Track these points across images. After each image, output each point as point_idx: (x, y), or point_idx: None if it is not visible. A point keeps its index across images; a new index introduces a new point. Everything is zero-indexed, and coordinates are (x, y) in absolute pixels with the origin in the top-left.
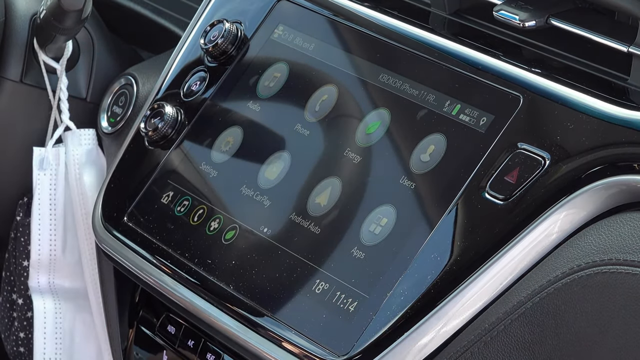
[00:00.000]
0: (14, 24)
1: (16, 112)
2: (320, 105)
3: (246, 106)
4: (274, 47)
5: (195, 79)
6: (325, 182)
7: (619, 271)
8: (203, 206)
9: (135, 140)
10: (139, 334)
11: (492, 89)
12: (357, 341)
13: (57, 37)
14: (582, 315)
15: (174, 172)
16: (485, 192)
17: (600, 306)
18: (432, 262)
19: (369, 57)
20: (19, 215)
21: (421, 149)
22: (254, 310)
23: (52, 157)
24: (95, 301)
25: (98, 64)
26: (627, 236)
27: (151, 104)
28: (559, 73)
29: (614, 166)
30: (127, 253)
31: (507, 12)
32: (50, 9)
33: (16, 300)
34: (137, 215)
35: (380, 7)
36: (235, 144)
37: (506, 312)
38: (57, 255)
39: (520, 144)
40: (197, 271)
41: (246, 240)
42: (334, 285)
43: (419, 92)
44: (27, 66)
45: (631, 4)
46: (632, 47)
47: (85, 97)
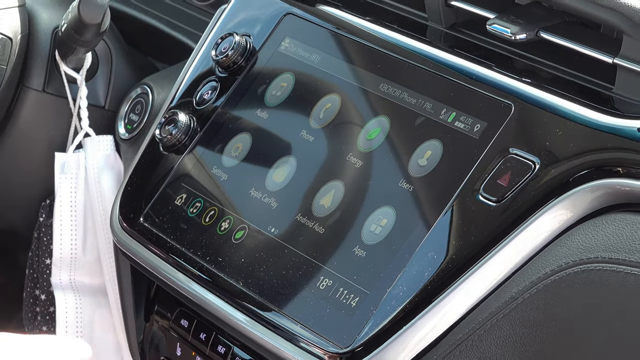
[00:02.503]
0: (37, 37)
1: (39, 119)
2: (324, 113)
3: (255, 114)
4: (281, 59)
5: (207, 88)
6: (329, 185)
7: (604, 269)
8: (214, 207)
9: (151, 146)
10: (154, 327)
11: (485, 97)
12: (359, 334)
13: (78, 49)
14: (570, 310)
15: (187, 175)
16: (479, 195)
17: (586, 302)
18: (429, 260)
19: (369, 68)
20: (41, 217)
21: (419, 154)
22: (262, 305)
23: (72, 161)
24: (114, 297)
25: (116, 74)
26: (612, 236)
27: (166, 112)
28: (548, 83)
29: (600, 170)
30: (143, 251)
31: (499, 25)
32: (71, 22)
33: (39, 296)
34: (153, 216)
35: (381, 21)
36: (245, 149)
37: (499, 307)
38: (78, 253)
39: (512, 150)
40: (209, 269)
41: (255, 239)
42: (337, 282)
43: (417, 101)
44: (49, 76)
45: (616, 18)
46: (616, 59)
47: (104, 105)
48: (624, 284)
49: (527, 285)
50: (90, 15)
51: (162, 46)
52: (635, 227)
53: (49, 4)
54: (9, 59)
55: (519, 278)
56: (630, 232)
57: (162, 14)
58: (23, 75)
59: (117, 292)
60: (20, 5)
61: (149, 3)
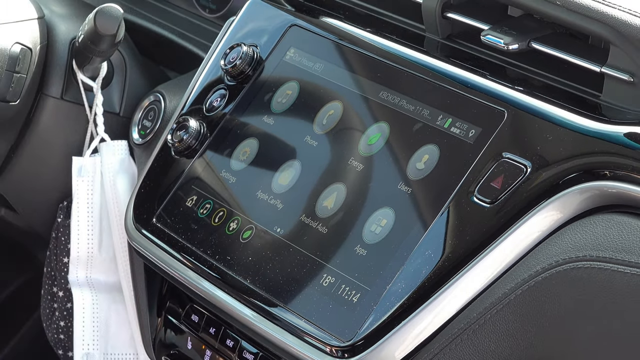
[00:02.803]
0: (55, 47)
1: (57, 125)
2: (327, 119)
3: (261, 120)
4: (286, 68)
5: (216, 96)
6: (332, 187)
7: (592, 266)
8: (223, 209)
9: (163, 151)
10: (166, 322)
11: (479, 104)
12: (360, 328)
13: (94, 58)
14: (559, 306)
15: (197, 178)
16: (474, 197)
17: (575, 298)
18: (427, 259)
19: (370, 77)
20: (59, 217)
21: (417, 158)
22: (268, 301)
23: (89, 165)
24: (128, 293)
25: (130, 83)
26: (600, 235)
27: (177, 118)
28: (539, 90)
29: (588, 173)
30: (156, 251)
31: (493, 36)
32: (88, 33)
33: (57, 292)
34: (165, 217)
35: (381, 32)
36: (252, 154)
37: (492, 303)
38: (94, 252)
39: (505, 154)
40: (218, 267)
41: (261, 239)
42: (339, 279)
43: (415, 108)
44: (66, 85)
45: (603, 30)
46: (604, 68)
47: (119, 112)
48: (610, 281)
49: (520, 282)
50: (106, 26)
51: (174, 56)
52: (622, 227)
53: (67, 16)
54: (29, 68)
55: (512, 275)
56: (617, 232)
57: (174, 25)
58: (42, 83)
59: (132, 289)
60: (40, 17)
61: (162, 15)
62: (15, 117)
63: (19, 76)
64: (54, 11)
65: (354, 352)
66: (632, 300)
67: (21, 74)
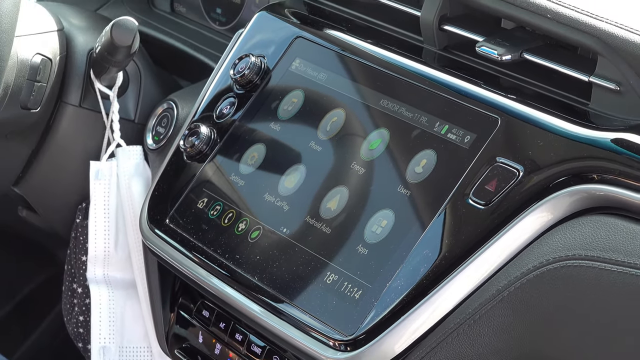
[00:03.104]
0: (73, 58)
1: (76, 131)
2: (330, 126)
3: (268, 126)
4: (292, 77)
5: (226, 104)
6: (335, 190)
7: (581, 265)
8: (232, 210)
9: (176, 155)
10: (178, 318)
11: (474, 112)
12: (362, 323)
13: (110, 68)
14: (549, 302)
15: (208, 182)
16: (469, 199)
17: (565, 294)
18: (425, 257)
19: (371, 85)
20: (78, 218)
21: (415, 162)
22: (275, 298)
23: (106, 169)
24: (142, 290)
25: (144, 91)
26: (588, 235)
27: (189, 125)
28: (531, 99)
29: (577, 177)
30: (169, 250)
31: (487, 47)
32: (104, 44)
33: (76, 289)
34: (177, 218)
35: (381, 43)
36: (260, 158)
37: (486, 299)
38: (110, 251)
39: (498, 158)
40: (227, 265)
41: (268, 238)
42: (342, 277)
43: (414, 115)
44: (84, 93)
45: (591, 41)
46: (592, 77)
47: (134, 119)
48: (598, 278)
49: (512, 280)
50: (122, 38)
51: (186, 66)
52: (609, 227)
53: (85, 28)
54: (49, 78)
55: (505, 273)
56: (605, 233)
57: (186, 37)
58: (62, 92)
59: (146, 285)
60: (59, 30)
61: (174, 27)
62: (36, 124)
63: (40, 85)
64: (73, 24)
65: (356, 346)
66: (618, 297)
67: (42, 83)
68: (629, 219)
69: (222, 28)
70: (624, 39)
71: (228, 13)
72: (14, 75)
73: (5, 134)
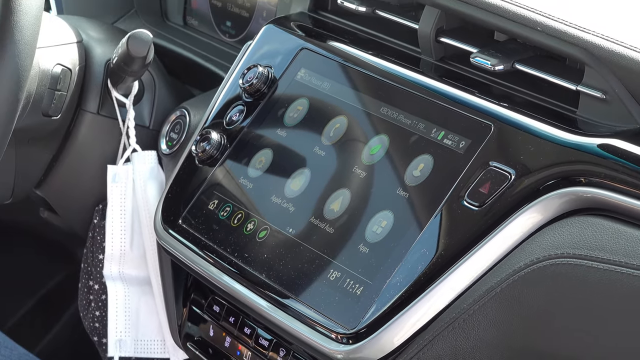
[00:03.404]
0: (92, 68)
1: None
2: (333, 132)
3: (275, 132)
4: (297, 86)
5: (235, 111)
6: (338, 192)
7: (569, 263)
8: (241, 211)
9: (188, 160)
10: (190, 312)
11: (469, 119)
12: (363, 318)
13: (126, 78)
14: (540, 298)
15: (218, 184)
16: (464, 201)
17: (554, 290)
18: (422, 256)
19: (372, 94)
20: (95, 219)
21: (413, 166)
22: (281, 294)
23: (122, 173)
24: (157, 286)
25: (159, 99)
26: (576, 235)
27: (200, 131)
28: (522, 106)
29: (566, 180)
30: (182, 249)
31: (481, 58)
32: (121, 56)
33: (92, 286)
34: (190, 218)
35: (381, 54)
36: (267, 163)
37: (480, 295)
38: (126, 250)
39: (492, 163)
40: (237, 263)
41: (275, 238)
42: (345, 274)
43: (412, 122)
44: (102, 101)
45: (579, 52)
46: (579, 86)
47: (149, 125)
48: (586, 275)
49: (504, 277)
50: (137, 49)
51: (197, 76)
52: (596, 228)
53: (102, 40)
54: (69, 87)
55: (498, 271)
56: (591, 232)
57: (198, 48)
58: (81, 100)
59: (160, 282)
60: (78, 41)
61: (187, 40)
62: (57, 130)
63: (60, 94)
64: (91, 36)
65: (358, 339)
66: (605, 292)
67: (62, 92)
68: (614, 219)
69: (231, 40)
70: (609, 50)
71: (237, 26)
72: (36, 84)
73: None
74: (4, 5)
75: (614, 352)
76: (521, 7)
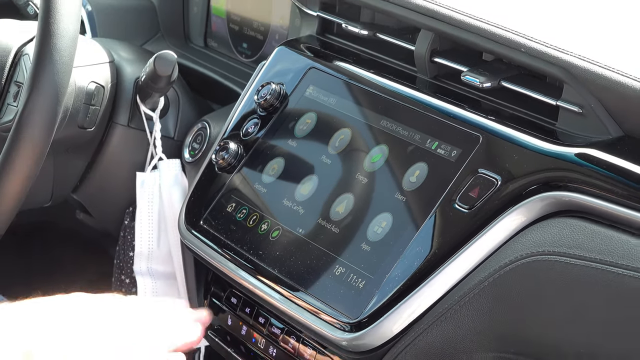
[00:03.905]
0: (123, 85)
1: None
2: (339, 142)
3: (286, 143)
4: (306, 102)
5: (251, 124)
6: (343, 196)
7: (550, 259)
8: (256, 213)
9: (208, 167)
10: (211, 304)
11: (460, 130)
12: (365, 308)
13: (153, 94)
14: (524, 291)
15: (235, 189)
16: (455, 204)
17: (537, 284)
18: (418, 253)
19: (373, 108)
20: (126, 220)
21: (410, 173)
22: (292, 287)
23: (149, 179)
24: (181, 280)
25: (182, 113)
26: (556, 235)
27: (220, 142)
28: (507, 119)
29: (546, 185)
30: (203, 247)
31: (470, 76)
32: (149, 74)
33: (124, 280)
34: (210, 220)
35: (381, 73)
36: (279, 170)
37: (470, 288)
38: (154, 248)
39: (480, 170)
40: (252, 259)
41: (286, 237)
42: (348, 269)
43: (409, 133)
44: (132, 115)
45: (558, 71)
46: (558, 101)
47: (173, 136)
48: (564, 271)
49: (492, 272)
50: (163, 69)
51: (217, 92)
52: (573, 228)
53: (132, 60)
54: (102, 102)
55: (486, 266)
56: (569, 232)
57: (217, 68)
58: (112, 114)
59: (184, 277)
60: (110, 61)
61: (207, 60)
62: (91, 141)
63: (94, 108)
64: (122, 56)
65: (360, 327)
66: (581, 286)
67: (95, 106)
68: (590, 220)
69: (247, 60)
70: (585, 69)
71: (252, 47)
72: (72, 100)
73: (65, 149)
74: (44, 29)
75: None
76: (506, 31)
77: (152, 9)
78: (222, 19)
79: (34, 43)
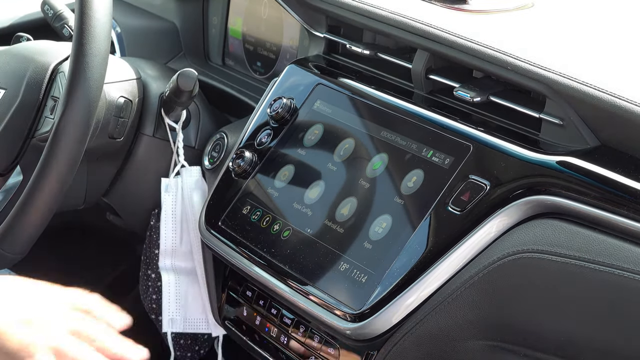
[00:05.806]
0: (149, 99)
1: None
2: (343, 151)
3: (296, 152)
4: (314, 114)
5: (264, 135)
6: (347, 199)
7: (534, 257)
8: (269, 215)
9: (226, 174)
10: (228, 297)
11: (453, 140)
12: (367, 300)
13: (176, 107)
14: (510, 286)
15: (250, 194)
16: (448, 206)
17: (522, 280)
18: (414, 251)
19: (374, 120)
20: (152, 221)
21: (408, 179)
22: (301, 281)
23: (173, 184)
24: (201, 276)
25: (202, 125)
26: (539, 234)
27: (236, 150)
28: (495, 130)
29: (530, 190)
30: (221, 245)
31: (462, 92)
32: (172, 89)
33: (150, 275)
34: (228, 221)
35: (381, 88)
36: (290, 176)
37: (461, 283)
38: (177, 246)
39: (471, 176)
40: (265, 257)
41: (296, 237)
42: (352, 266)
43: (406, 143)
44: (157, 126)
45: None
46: (541, 114)
47: (194, 145)
48: (547, 267)
49: (481, 268)
50: (185, 84)
51: (233, 106)
52: (555, 228)
53: (157, 77)
54: (130, 114)
55: (476, 263)
56: (551, 232)
57: (234, 84)
58: (139, 125)
59: (204, 272)
60: (138, 78)
61: (225, 76)
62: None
63: (123, 120)
64: (148, 73)
65: (363, 318)
66: (562, 280)
67: (124, 119)
68: (570, 222)
69: (261, 77)
70: (566, 85)
71: (266, 65)
72: (103, 112)
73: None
74: (78, 49)
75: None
76: (494, 50)
77: (175, 31)
78: (239, 40)
79: (69, 62)
